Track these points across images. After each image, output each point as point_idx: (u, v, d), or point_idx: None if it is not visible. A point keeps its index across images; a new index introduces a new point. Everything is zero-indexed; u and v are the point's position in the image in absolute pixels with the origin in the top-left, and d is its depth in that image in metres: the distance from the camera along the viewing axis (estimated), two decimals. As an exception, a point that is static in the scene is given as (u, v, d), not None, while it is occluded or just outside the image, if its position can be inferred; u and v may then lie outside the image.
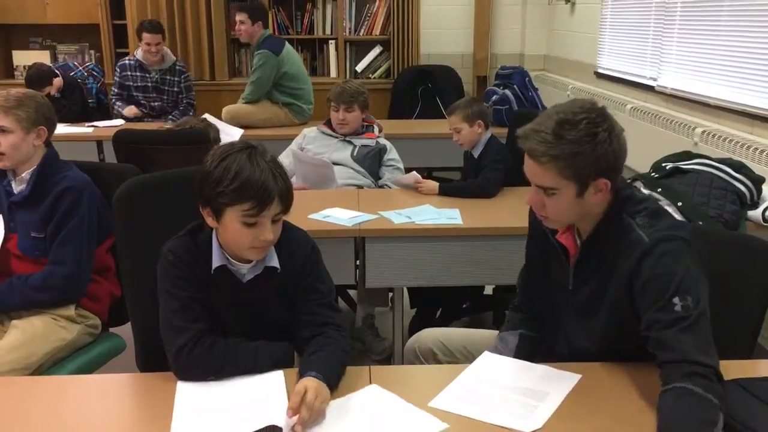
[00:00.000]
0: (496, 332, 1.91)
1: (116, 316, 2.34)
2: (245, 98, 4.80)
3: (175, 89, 5.04)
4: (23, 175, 2.21)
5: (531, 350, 1.75)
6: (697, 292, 1.43)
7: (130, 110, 4.91)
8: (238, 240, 1.56)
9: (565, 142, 1.46)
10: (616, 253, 1.53)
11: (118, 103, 4.99)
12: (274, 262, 1.64)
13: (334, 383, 1.50)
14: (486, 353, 1.69)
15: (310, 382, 1.42)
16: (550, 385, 1.53)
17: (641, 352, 1.50)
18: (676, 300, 1.41)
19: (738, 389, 1.42)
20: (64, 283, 2.16)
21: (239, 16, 4.77)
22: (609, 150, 1.47)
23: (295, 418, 1.35)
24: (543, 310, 1.77)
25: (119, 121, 4.79)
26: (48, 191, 2.18)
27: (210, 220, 1.57)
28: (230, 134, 4.12)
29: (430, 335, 1.94)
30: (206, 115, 4.37)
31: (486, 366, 1.63)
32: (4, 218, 2.23)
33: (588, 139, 1.45)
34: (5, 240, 2.21)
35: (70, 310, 2.20)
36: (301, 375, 1.48)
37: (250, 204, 1.50)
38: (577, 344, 1.65)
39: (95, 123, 4.71)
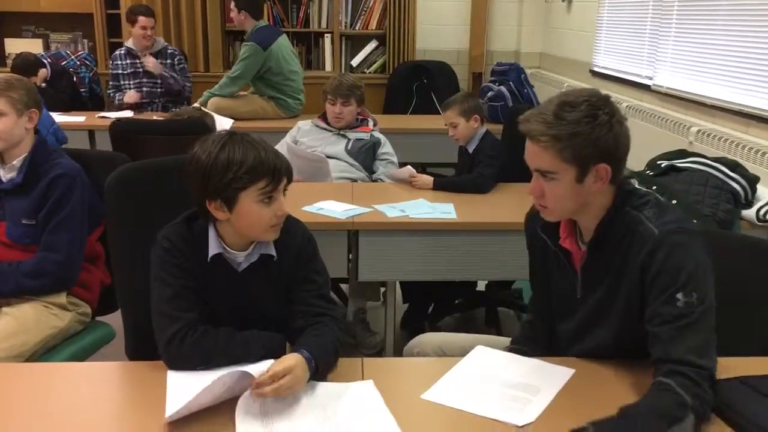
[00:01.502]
0: (497, 338, 1.89)
1: (105, 304, 2.32)
2: (217, 91, 4.70)
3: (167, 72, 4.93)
4: (14, 162, 2.18)
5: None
6: (704, 289, 1.41)
7: (131, 96, 4.82)
8: (258, 221, 1.56)
9: (564, 122, 1.44)
10: (625, 249, 1.50)
11: (117, 94, 4.89)
12: (271, 250, 1.63)
13: (322, 368, 1.50)
14: (479, 347, 1.67)
15: (298, 366, 1.42)
16: (544, 379, 1.52)
17: None
18: (680, 296, 1.39)
19: (743, 387, 1.41)
20: (56, 270, 2.14)
21: (231, 4, 4.81)
22: (609, 134, 1.45)
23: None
24: (553, 323, 1.73)
25: (129, 113, 4.72)
26: (40, 178, 2.16)
27: (220, 213, 1.55)
28: (221, 125, 4.10)
29: (430, 341, 1.90)
30: (196, 105, 4.36)
31: (479, 359, 1.62)
32: None
33: (587, 120, 1.44)
34: None
35: (62, 298, 2.18)
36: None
37: (266, 181, 1.52)
38: (592, 351, 1.61)
39: (105, 114, 4.65)
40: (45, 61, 4.89)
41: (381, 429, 1.35)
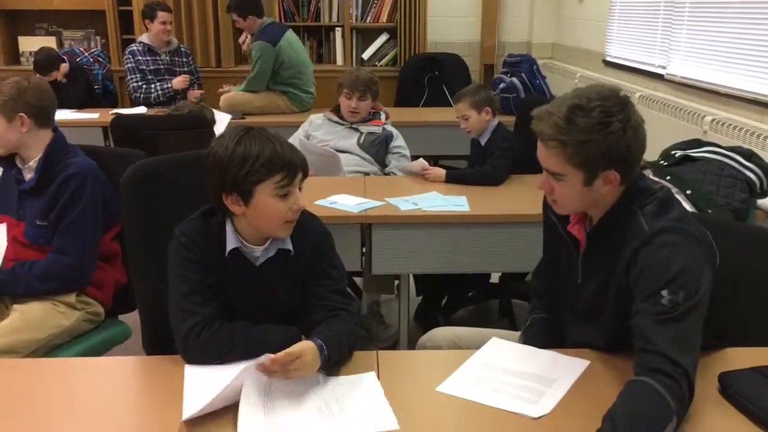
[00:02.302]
0: (509, 332, 1.89)
1: (122, 303, 2.32)
2: (245, 89, 4.82)
3: (186, 69, 5.08)
4: (30, 163, 2.19)
5: (540, 331, 1.75)
6: (692, 289, 1.37)
7: (180, 82, 4.89)
8: (273, 216, 1.57)
9: (575, 128, 1.42)
10: (619, 244, 1.49)
11: (151, 86, 4.88)
12: (288, 245, 1.65)
13: (334, 358, 1.51)
14: (494, 339, 1.68)
15: (308, 351, 1.43)
16: (558, 371, 1.52)
17: None
18: (664, 293, 1.36)
19: (757, 376, 1.41)
20: (66, 273, 2.15)
21: (233, 16, 4.89)
22: (621, 141, 1.42)
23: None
24: (556, 303, 1.75)
25: (142, 109, 4.76)
26: (54, 178, 2.16)
27: (237, 207, 1.56)
28: (220, 120, 4.11)
29: (443, 335, 1.91)
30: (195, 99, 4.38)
31: (494, 351, 1.62)
32: (14, 206, 2.21)
33: (599, 128, 1.41)
34: (14, 227, 2.20)
35: (71, 297, 2.17)
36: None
37: (282, 175, 1.54)
38: (586, 339, 1.62)
39: (118, 110, 4.68)
40: (64, 57, 4.95)
41: (378, 420, 1.35)
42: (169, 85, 4.86)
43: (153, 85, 4.87)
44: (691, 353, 1.34)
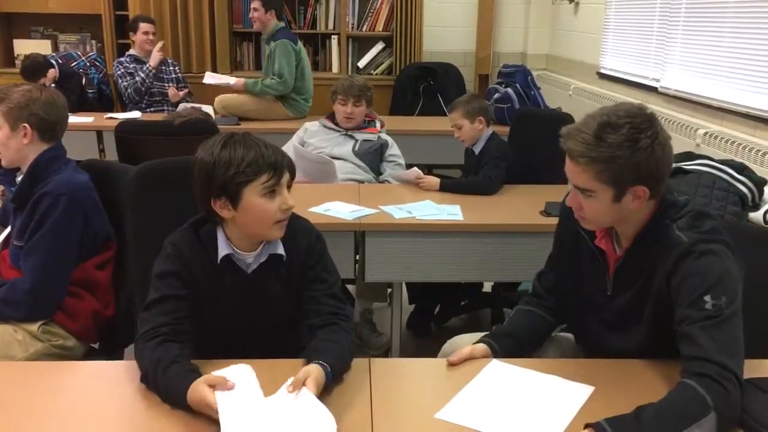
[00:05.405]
0: None
1: (119, 338, 2.13)
2: (269, 90, 4.75)
3: (173, 76, 5.15)
4: (19, 178, 2.09)
5: (525, 320, 1.76)
6: (733, 294, 1.41)
7: (174, 93, 4.97)
8: (263, 216, 1.56)
9: (604, 145, 1.44)
10: (656, 258, 1.51)
11: (136, 78, 4.94)
12: (280, 250, 1.64)
13: (337, 376, 1.49)
14: (494, 361, 1.63)
15: (315, 372, 1.40)
16: (562, 397, 1.47)
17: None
18: (707, 298, 1.39)
19: (750, 387, 1.40)
20: (24, 299, 1.98)
21: (253, 3, 4.82)
22: (650, 158, 1.44)
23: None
24: (572, 311, 1.75)
25: (137, 113, 4.78)
26: (32, 196, 2.01)
27: (226, 212, 1.56)
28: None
29: (467, 342, 1.81)
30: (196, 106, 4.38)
31: (495, 376, 1.57)
32: (11, 223, 2.14)
33: (628, 144, 1.43)
34: (2, 248, 2.14)
35: (33, 325, 1.99)
36: (309, 360, 1.47)
37: (268, 175, 1.54)
38: (615, 347, 1.63)
39: (114, 114, 4.72)
40: (53, 62, 4.94)
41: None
42: (149, 66, 4.93)
43: (137, 76, 4.93)
44: (737, 356, 1.37)
